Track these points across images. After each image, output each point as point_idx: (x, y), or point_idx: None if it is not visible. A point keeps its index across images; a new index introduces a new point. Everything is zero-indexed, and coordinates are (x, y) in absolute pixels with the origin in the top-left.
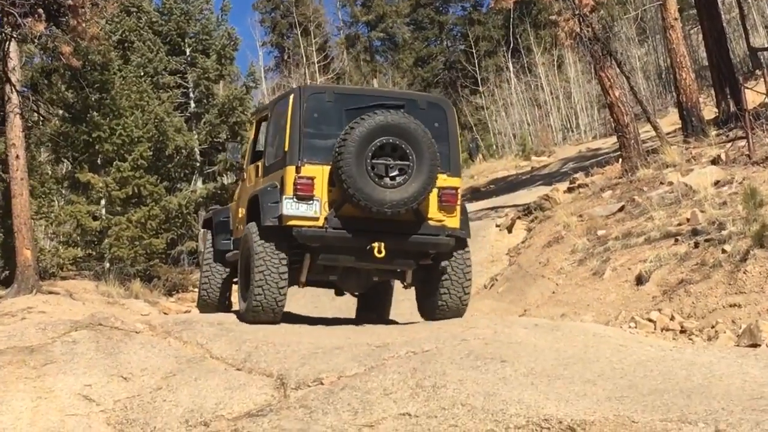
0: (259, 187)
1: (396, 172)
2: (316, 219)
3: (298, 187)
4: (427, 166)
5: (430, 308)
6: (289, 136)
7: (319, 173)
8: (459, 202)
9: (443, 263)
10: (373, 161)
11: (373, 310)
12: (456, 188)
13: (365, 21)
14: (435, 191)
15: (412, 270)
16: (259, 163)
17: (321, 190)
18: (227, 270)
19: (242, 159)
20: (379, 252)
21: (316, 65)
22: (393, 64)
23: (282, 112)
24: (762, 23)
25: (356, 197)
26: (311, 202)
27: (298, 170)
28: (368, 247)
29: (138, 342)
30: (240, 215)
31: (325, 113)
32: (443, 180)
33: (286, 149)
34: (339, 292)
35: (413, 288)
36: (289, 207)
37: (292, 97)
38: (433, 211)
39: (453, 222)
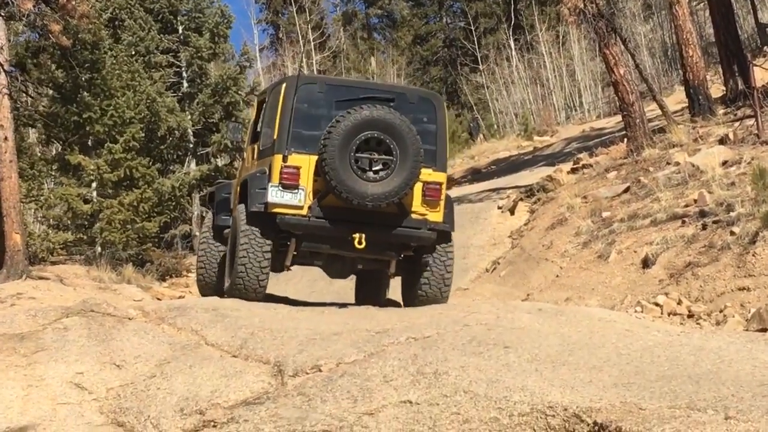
0: (251, 171)
1: (379, 166)
2: (300, 207)
3: (284, 175)
4: (411, 161)
5: (411, 298)
6: (279, 124)
7: (305, 163)
8: (443, 197)
9: (425, 256)
10: (357, 155)
11: (371, 291)
12: (440, 183)
13: None
14: (419, 185)
15: (395, 260)
16: (256, 146)
17: (306, 179)
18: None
19: (242, 139)
20: (360, 243)
21: (312, 43)
22: (391, 42)
23: (275, 99)
24: None
25: (338, 189)
26: (296, 191)
27: (285, 159)
28: (349, 238)
29: (131, 329)
30: (237, 194)
31: (315, 104)
32: (428, 175)
33: (275, 137)
34: (334, 275)
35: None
36: (275, 195)
37: (284, 85)
38: (417, 205)
39: (436, 216)
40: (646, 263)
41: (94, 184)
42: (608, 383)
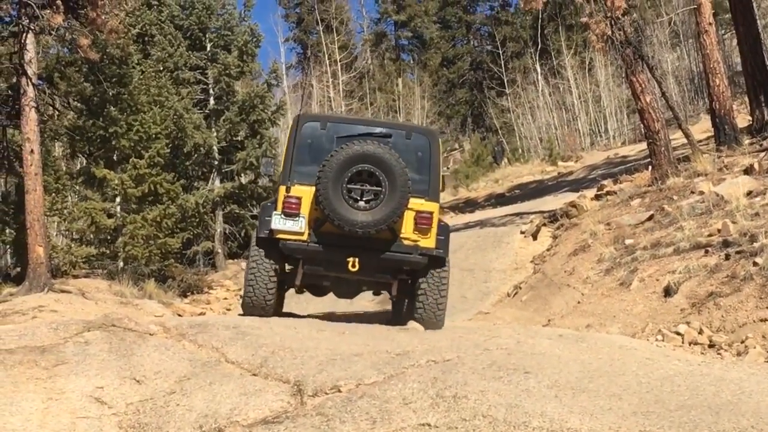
0: (270, 199)
1: (370, 197)
2: (301, 234)
3: (287, 205)
4: (399, 192)
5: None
6: (285, 158)
7: (306, 194)
8: (435, 224)
9: (421, 280)
10: (349, 186)
11: (401, 307)
12: (431, 212)
13: (396, 20)
14: (412, 214)
15: (396, 283)
16: None
17: (307, 208)
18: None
19: (274, 173)
20: (353, 266)
21: (338, 63)
22: (419, 64)
23: (288, 135)
24: None
25: (332, 217)
26: (297, 218)
27: (288, 190)
28: (344, 261)
29: (152, 344)
30: None
31: (317, 139)
32: (420, 204)
33: (281, 170)
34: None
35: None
36: (278, 222)
37: (292, 122)
38: (409, 232)
39: (428, 242)
40: (668, 292)
41: (118, 199)
42: (628, 411)
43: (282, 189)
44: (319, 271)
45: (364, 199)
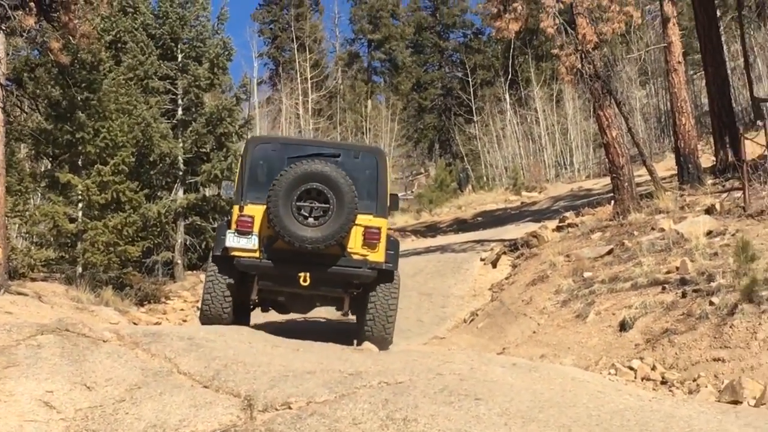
0: (225, 219)
1: (319, 213)
2: (254, 251)
3: (240, 224)
4: (346, 209)
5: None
6: (238, 178)
7: (258, 212)
8: (383, 240)
9: (371, 294)
10: (299, 203)
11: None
12: (379, 228)
13: (371, 39)
14: (360, 229)
15: (348, 299)
16: None
17: (259, 226)
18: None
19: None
20: (305, 281)
21: (309, 82)
22: (390, 86)
23: (241, 157)
24: (766, 74)
25: (282, 234)
26: (250, 236)
27: (241, 209)
28: (295, 276)
29: (105, 351)
30: None
31: (269, 160)
32: (369, 220)
33: (235, 190)
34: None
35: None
36: (232, 240)
37: (245, 145)
38: (357, 247)
39: (377, 257)
40: (623, 326)
41: (80, 204)
42: None
43: (235, 208)
44: (272, 286)
45: (313, 216)
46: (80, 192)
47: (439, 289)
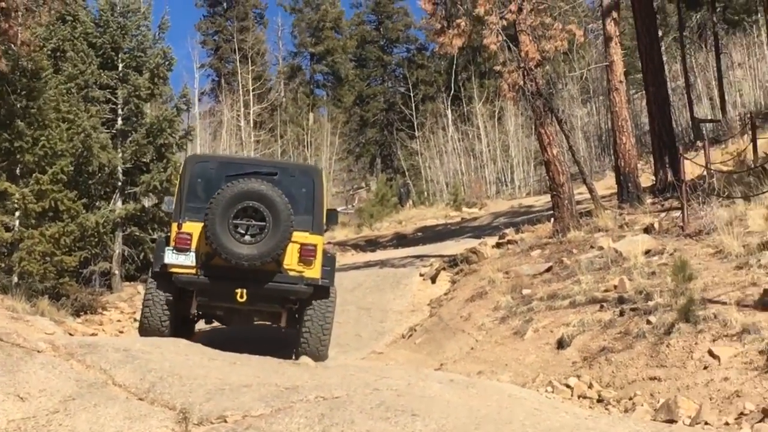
0: (163, 234)
1: (255, 231)
2: (192, 267)
3: (178, 241)
4: (282, 227)
5: (296, 347)
6: (176, 196)
7: (196, 229)
8: (319, 256)
9: (308, 308)
10: (235, 221)
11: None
12: (315, 245)
13: (313, 52)
14: (296, 246)
15: (286, 313)
16: None
17: (197, 243)
18: None
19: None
20: (241, 297)
21: (251, 94)
22: (333, 100)
23: (180, 175)
24: (707, 95)
25: (219, 251)
26: (188, 253)
27: (179, 227)
28: (232, 292)
29: (39, 361)
30: None
31: (207, 179)
32: (305, 237)
33: (174, 207)
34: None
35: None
36: (170, 257)
37: (184, 163)
38: (293, 264)
39: (313, 273)
40: (561, 344)
41: (17, 213)
42: None
43: (174, 225)
44: (210, 302)
45: (249, 233)
46: (17, 200)
47: (377, 304)
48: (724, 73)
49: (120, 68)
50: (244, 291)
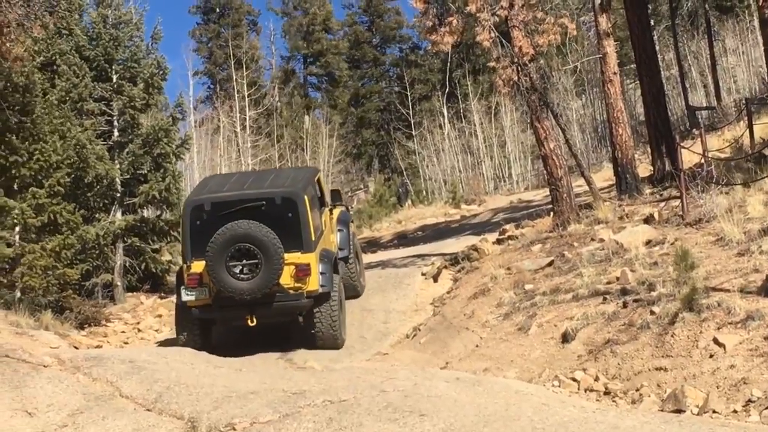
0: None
1: (250, 268)
2: (206, 300)
3: (189, 280)
4: (273, 261)
5: (311, 338)
6: (182, 239)
7: (203, 267)
8: (315, 270)
9: (315, 311)
10: (231, 263)
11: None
12: (308, 264)
13: (306, 53)
14: (291, 267)
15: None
16: None
17: (208, 279)
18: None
19: None
20: (251, 321)
21: (246, 100)
22: (328, 101)
23: (182, 219)
24: (701, 82)
25: (221, 288)
26: (201, 288)
27: (188, 268)
28: (243, 318)
29: (45, 376)
30: None
31: (204, 219)
32: (298, 257)
33: (182, 250)
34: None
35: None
36: (186, 294)
37: (183, 207)
38: (292, 283)
39: (311, 285)
40: (565, 338)
41: (17, 228)
42: None
43: (184, 267)
44: (225, 325)
45: (244, 271)
46: (16, 215)
47: (380, 305)
48: (718, 60)
49: (114, 80)
50: (253, 316)
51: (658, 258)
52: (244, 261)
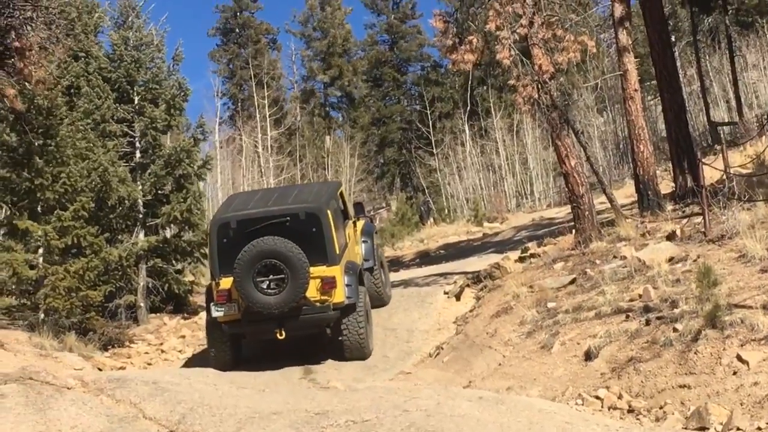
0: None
1: (277, 283)
2: (235, 315)
3: (218, 296)
4: (299, 275)
5: (339, 348)
6: (210, 257)
7: (232, 284)
8: (340, 283)
9: (341, 322)
10: (258, 279)
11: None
12: (333, 276)
13: (322, 80)
14: (318, 281)
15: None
16: None
17: (237, 295)
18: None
19: None
20: (280, 334)
21: (268, 119)
22: (349, 121)
23: (209, 237)
24: (723, 98)
25: (249, 303)
26: (231, 304)
27: (217, 285)
28: (272, 332)
29: (69, 398)
30: None
31: (231, 237)
32: (323, 271)
33: (210, 267)
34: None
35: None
36: (216, 311)
37: (209, 225)
38: (318, 296)
39: (337, 298)
40: (588, 356)
41: (40, 250)
42: None
43: (213, 284)
44: (254, 339)
45: (271, 286)
46: (39, 238)
47: (403, 324)
48: (739, 75)
49: (136, 101)
50: (282, 329)
51: (680, 275)
52: (271, 276)
